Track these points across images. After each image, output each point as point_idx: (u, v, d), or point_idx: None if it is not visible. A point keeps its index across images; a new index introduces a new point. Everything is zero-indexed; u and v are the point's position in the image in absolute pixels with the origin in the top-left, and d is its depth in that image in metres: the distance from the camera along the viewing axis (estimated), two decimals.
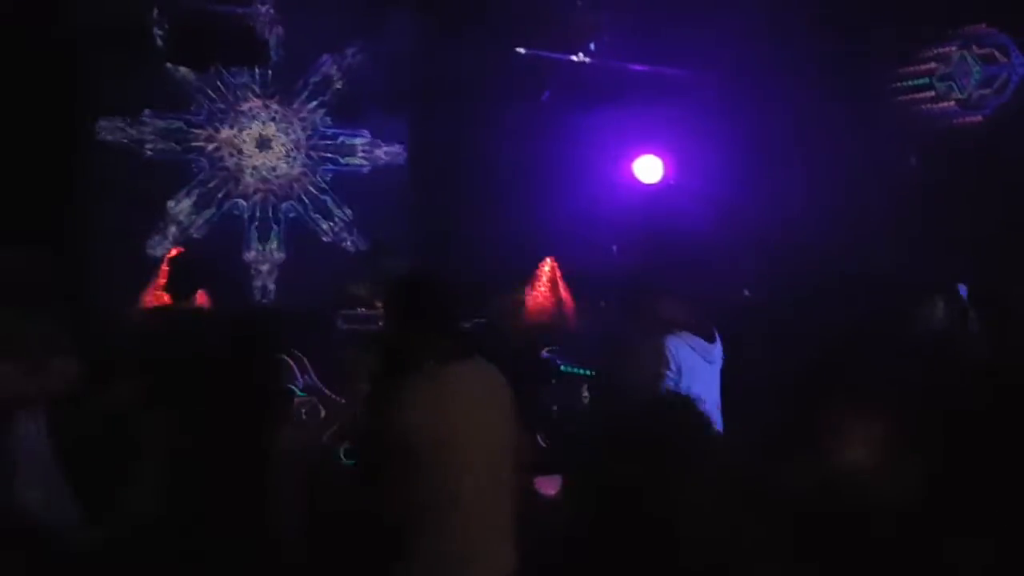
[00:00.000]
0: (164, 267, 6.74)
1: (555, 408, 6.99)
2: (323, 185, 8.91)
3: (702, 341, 4.54)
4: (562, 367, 7.41)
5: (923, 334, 4.87)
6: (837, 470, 3.15)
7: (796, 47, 7.05)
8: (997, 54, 6.50)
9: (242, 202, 8.59)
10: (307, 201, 8.86)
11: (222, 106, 8.45)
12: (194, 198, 8.38)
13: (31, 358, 3.56)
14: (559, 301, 8.55)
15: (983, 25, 6.57)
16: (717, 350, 4.68)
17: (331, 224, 8.94)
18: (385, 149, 9.10)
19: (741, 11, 7.10)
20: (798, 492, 3.14)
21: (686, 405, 2.19)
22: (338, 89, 8.85)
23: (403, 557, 3.21)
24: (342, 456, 6.05)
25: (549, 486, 4.45)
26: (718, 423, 4.45)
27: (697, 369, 4.45)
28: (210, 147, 8.44)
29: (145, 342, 4.24)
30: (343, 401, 6.70)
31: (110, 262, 7.53)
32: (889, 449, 3.17)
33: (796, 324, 5.75)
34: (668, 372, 4.35)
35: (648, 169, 8.71)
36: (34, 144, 6.86)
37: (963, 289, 5.87)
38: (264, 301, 8.59)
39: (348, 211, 8.98)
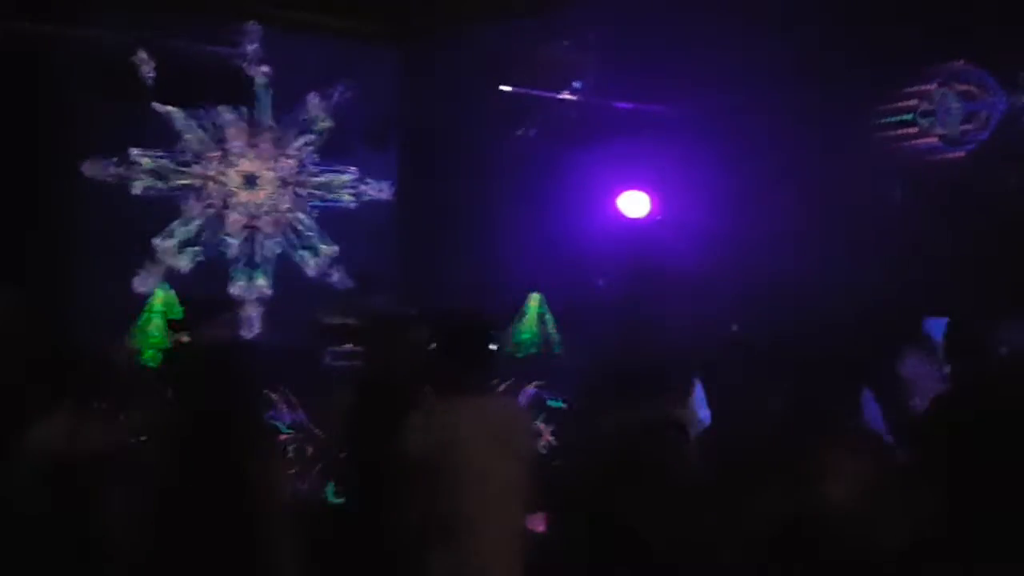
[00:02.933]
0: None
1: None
2: (310, 221, 8.91)
3: None
4: (548, 402, 7.40)
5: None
6: (821, 507, 3.16)
7: (779, 84, 7.12)
8: (977, 90, 6.57)
9: (229, 238, 8.58)
10: (293, 237, 8.86)
11: (209, 144, 8.47)
12: (181, 235, 8.37)
13: None
14: (545, 336, 8.57)
15: (963, 62, 6.65)
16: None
17: (318, 260, 8.94)
18: (372, 185, 9.12)
19: (724, 49, 7.18)
20: (780, 525, 3.16)
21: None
22: (325, 127, 8.88)
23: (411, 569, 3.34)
24: (330, 495, 6.01)
25: (536, 523, 4.44)
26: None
27: None
28: (196, 184, 8.44)
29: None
30: (328, 438, 6.66)
31: (96, 299, 7.49)
32: (874, 488, 3.18)
33: (783, 358, 5.76)
34: None
35: (634, 204, 8.74)
36: (21, 182, 6.86)
37: (942, 324, 5.90)
38: (250, 336, 8.56)
39: (335, 247, 8.98)
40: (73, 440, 3.62)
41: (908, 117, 6.88)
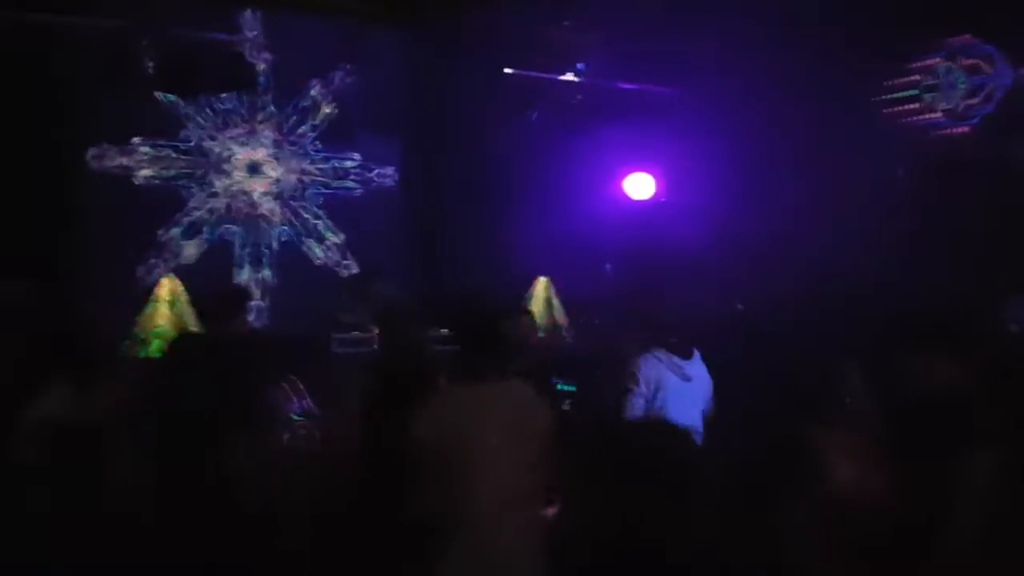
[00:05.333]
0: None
1: None
2: (315, 209, 8.91)
3: (676, 359, 4.63)
4: (557, 385, 7.39)
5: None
6: (830, 485, 3.14)
7: (783, 62, 7.07)
8: (983, 65, 6.52)
9: (233, 227, 8.58)
10: (299, 225, 8.85)
11: (212, 133, 8.46)
12: (185, 224, 8.37)
13: None
14: (553, 319, 8.56)
15: (969, 36, 6.59)
16: (694, 367, 4.74)
17: (323, 248, 8.93)
18: (376, 172, 9.11)
19: (729, 29, 7.14)
20: (796, 510, 3.13)
21: (674, 433, 2.18)
22: (328, 113, 8.86)
23: (425, 559, 3.38)
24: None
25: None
26: (696, 436, 4.50)
27: (670, 385, 4.53)
28: (200, 173, 8.44)
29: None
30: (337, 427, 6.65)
31: (100, 289, 7.50)
32: (878, 464, 3.16)
33: (788, 337, 5.74)
34: (636, 388, 4.47)
35: (639, 186, 8.73)
36: (24, 172, 6.86)
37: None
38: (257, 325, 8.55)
39: (340, 234, 8.97)
40: (70, 412, 3.65)
41: (912, 92, 6.84)
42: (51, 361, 4.06)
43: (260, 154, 8.65)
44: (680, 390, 4.61)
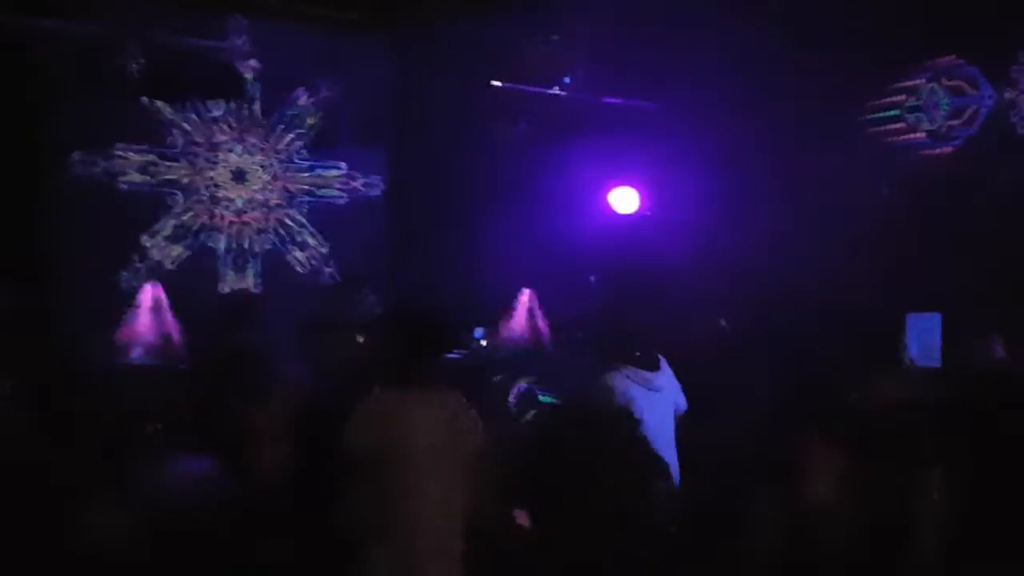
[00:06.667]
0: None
1: None
2: (299, 217, 8.89)
3: (644, 372, 4.72)
4: (540, 397, 7.39)
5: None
6: (806, 503, 3.16)
7: (769, 80, 7.12)
8: (966, 86, 6.59)
9: (217, 235, 8.55)
10: (283, 233, 8.83)
11: (197, 139, 8.42)
12: (168, 231, 8.33)
13: None
14: (536, 332, 8.55)
15: (952, 57, 6.66)
16: (661, 377, 4.83)
17: (307, 256, 8.91)
18: (362, 181, 9.09)
19: (714, 45, 7.18)
20: (768, 524, 3.15)
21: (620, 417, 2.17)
22: (315, 122, 8.85)
23: (356, 564, 3.40)
24: None
25: (524, 516, 4.43)
26: (663, 447, 4.54)
27: (639, 399, 4.60)
28: (185, 180, 8.40)
29: None
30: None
31: (83, 295, 7.45)
32: (857, 483, 3.18)
33: (771, 353, 5.77)
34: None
35: (624, 200, 8.75)
36: (6, 177, 6.82)
37: (937, 318, 5.93)
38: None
39: (325, 243, 8.95)
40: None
41: (895, 113, 6.90)
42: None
43: (245, 161, 8.63)
44: (652, 403, 4.67)
